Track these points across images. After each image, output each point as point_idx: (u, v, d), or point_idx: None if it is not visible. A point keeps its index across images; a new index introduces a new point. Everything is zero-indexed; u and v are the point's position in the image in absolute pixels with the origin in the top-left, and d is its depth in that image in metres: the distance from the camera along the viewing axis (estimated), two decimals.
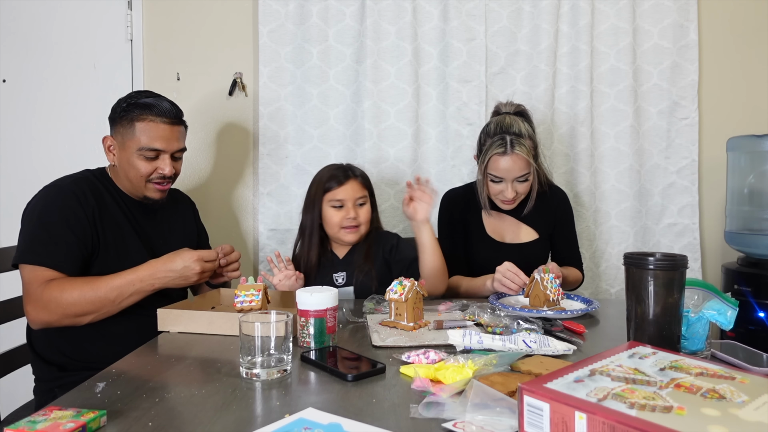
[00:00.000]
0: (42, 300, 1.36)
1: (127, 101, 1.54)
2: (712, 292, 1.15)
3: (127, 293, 1.39)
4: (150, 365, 1.08)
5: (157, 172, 1.54)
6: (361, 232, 1.75)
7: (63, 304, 1.35)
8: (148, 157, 1.52)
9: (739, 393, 0.68)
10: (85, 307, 1.37)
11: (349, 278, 1.75)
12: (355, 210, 1.72)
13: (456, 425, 0.78)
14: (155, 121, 1.52)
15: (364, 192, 1.77)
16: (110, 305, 1.38)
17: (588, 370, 0.76)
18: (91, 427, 0.79)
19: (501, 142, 1.72)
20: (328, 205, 1.73)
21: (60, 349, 1.47)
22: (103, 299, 1.37)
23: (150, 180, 1.55)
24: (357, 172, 1.78)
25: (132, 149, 1.52)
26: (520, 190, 1.78)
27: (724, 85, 2.38)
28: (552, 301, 1.47)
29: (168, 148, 1.54)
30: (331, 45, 2.24)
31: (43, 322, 1.38)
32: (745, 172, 2.26)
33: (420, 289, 1.34)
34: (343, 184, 1.72)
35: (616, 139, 2.30)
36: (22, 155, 2.27)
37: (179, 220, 1.74)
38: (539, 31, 2.26)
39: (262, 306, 1.32)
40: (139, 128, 1.52)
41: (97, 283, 1.38)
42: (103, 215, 1.50)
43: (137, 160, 1.52)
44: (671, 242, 2.34)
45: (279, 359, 1.02)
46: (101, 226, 1.48)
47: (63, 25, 2.27)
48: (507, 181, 1.75)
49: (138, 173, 1.53)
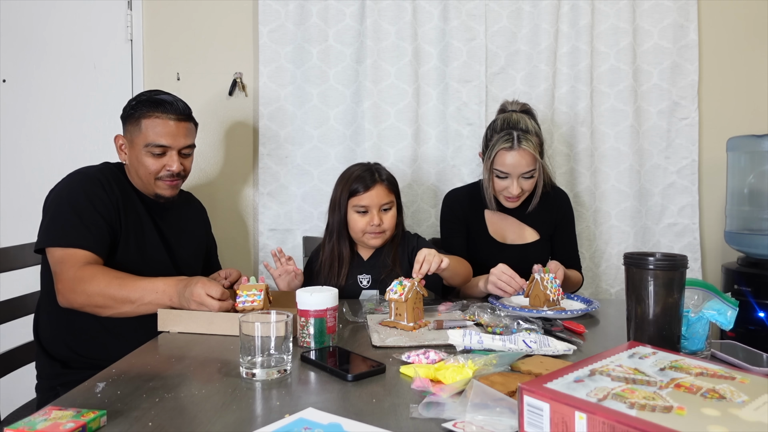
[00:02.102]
0: (74, 281, 1.38)
1: (137, 99, 1.57)
2: (712, 292, 1.15)
3: (146, 300, 1.37)
4: (150, 365, 1.08)
5: (166, 169, 1.55)
6: (386, 237, 1.72)
7: (88, 292, 1.37)
8: (155, 153, 1.54)
9: (739, 393, 0.68)
10: (106, 301, 1.37)
11: (374, 280, 1.74)
12: (379, 216, 1.68)
13: (456, 425, 0.78)
14: (161, 117, 1.54)
15: (390, 197, 1.71)
16: (130, 306, 1.38)
17: (588, 370, 0.76)
18: (91, 427, 0.79)
19: (508, 138, 1.71)
20: (352, 210, 1.70)
21: (66, 343, 1.48)
22: (125, 299, 1.37)
23: (159, 177, 1.56)
24: (383, 176, 1.72)
25: (140, 146, 1.54)
26: (526, 187, 1.77)
27: (724, 85, 2.38)
28: (552, 301, 1.47)
29: (174, 144, 1.55)
30: (331, 45, 2.24)
31: (70, 302, 1.40)
32: (745, 172, 2.26)
33: (420, 289, 1.34)
34: (369, 189, 1.67)
35: (616, 139, 2.30)
36: (22, 155, 2.27)
37: (191, 223, 1.76)
38: (539, 31, 2.26)
39: (264, 306, 1.32)
40: (145, 125, 1.53)
41: (124, 281, 1.38)
42: (126, 204, 1.54)
43: (145, 156, 1.54)
44: (671, 242, 2.34)
45: (279, 359, 1.02)
46: (124, 213, 1.52)
47: (63, 25, 2.27)
48: (513, 177, 1.74)
49: (146, 170, 1.55)
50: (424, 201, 2.29)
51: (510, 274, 1.57)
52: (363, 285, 1.75)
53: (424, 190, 2.29)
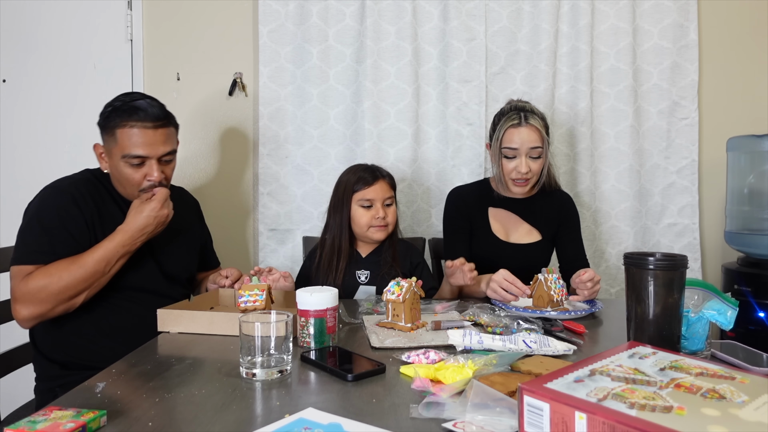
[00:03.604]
0: (29, 293, 1.34)
1: (112, 105, 1.48)
2: (712, 292, 1.15)
3: (115, 259, 1.40)
4: (150, 365, 1.08)
5: (146, 179, 1.48)
6: (389, 231, 1.78)
7: (54, 291, 1.34)
8: (133, 164, 1.46)
9: (739, 393, 0.68)
10: (78, 287, 1.36)
11: (372, 277, 1.76)
12: (383, 210, 1.75)
13: (456, 425, 0.78)
14: (136, 126, 1.44)
15: (391, 192, 1.79)
16: (101, 276, 1.39)
17: (588, 370, 0.76)
18: (91, 427, 0.79)
19: (515, 116, 1.78)
20: (357, 205, 1.75)
21: (63, 348, 1.46)
22: (93, 272, 1.37)
23: (142, 189, 1.49)
24: (384, 173, 1.80)
25: (117, 157, 1.46)
26: (534, 167, 1.78)
27: (724, 85, 2.38)
28: (555, 301, 1.47)
29: (152, 153, 1.47)
30: (331, 45, 2.24)
31: (35, 316, 1.37)
32: (745, 172, 2.26)
33: (417, 289, 1.34)
34: (373, 184, 1.75)
35: (616, 139, 2.30)
36: (22, 155, 2.27)
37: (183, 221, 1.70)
38: (539, 31, 2.26)
39: (266, 306, 1.31)
40: (120, 135, 1.45)
41: (80, 261, 1.37)
42: (103, 218, 1.48)
43: (124, 167, 1.46)
44: (671, 242, 2.34)
45: (279, 359, 1.02)
46: (101, 229, 1.46)
47: (63, 25, 2.27)
48: (521, 155, 1.76)
49: (127, 181, 1.48)
50: (424, 201, 2.29)
51: (511, 280, 1.56)
52: (361, 281, 1.77)
53: (424, 190, 2.29)
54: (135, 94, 1.52)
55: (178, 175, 2.09)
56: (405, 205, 2.27)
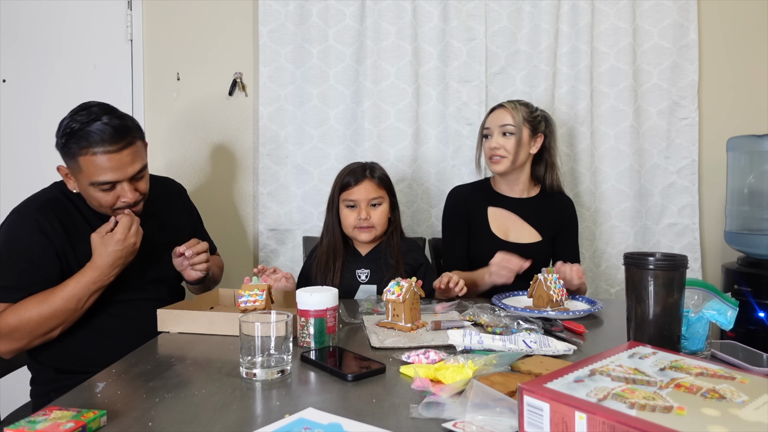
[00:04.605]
0: (2, 332, 1.30)
1: (65, 130, 1.37)
2: (712, 292, 1.15)
3: (87, 296, 1.34)
4: (150, 365, 1.08)
5: (120, 201, 1.40)
6: (375, 232, 1.74)
7: (27, 329, 1.31)
8: (104, 189, 1.37)
9: (739, 393, 0.68)
10: (50, 324, 1.33)
11: (372, 276, 1.75)
12: (367, 211, 1.71)
13: (456, 425, 0.78)
14: (97, 153, 1.33)
15: (380, 192, 1.74)
16: (73, 313, 1.34)
17: (588, 370, 0.76)
18: (91, 427, 0.79)
19: (496, 105, 1.91)
20: (343, 205, 1.74)
21: (55, 356, 1.43)
22: (64, 310, 1.33)
23: (116, 209, 1.41)
24: (376, 174, 1.76)
25: (85, 183, 1.37)
26: (507, 146, 1.83)
27: (724, 85, 2.38)
28: (555, 301, 1.47)
29: (122, 176, 1.37)
30: (331, 45, 2.24)
31: (13, 350, 1.34)
32: (745, 172, 2.26)
33: (417, 289, 1.34)
34: (358, 184, 1.72)
35: (616, 139, 2.30)
36: (22, 155, 2.27)
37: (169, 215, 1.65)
38: (539, 31, 2.26)
39: (267, 306, 1.31)
40: (83, 163, 1.34)
41: (49, 300, 1.32)
42: (75, 242, 1.40)
43: (94, 192, 1.38)
44: (671, 242, 2.34)
45: (279, 359, 1.02)
46: (73, 255, 1.40)
47: (63, 25, 2.27)
48: (493, 133, 1.86)
49: (100, 204, 1.40)
50: (424, 201, 2.29)
51: (507, 257, 1.62)
52: (361, 280, 1.76)
53: (424, 190, 2.29)
54: (92, 110, 1.37)
55: (178, 176, 2.10)
56: (405, 205, 2.27)
